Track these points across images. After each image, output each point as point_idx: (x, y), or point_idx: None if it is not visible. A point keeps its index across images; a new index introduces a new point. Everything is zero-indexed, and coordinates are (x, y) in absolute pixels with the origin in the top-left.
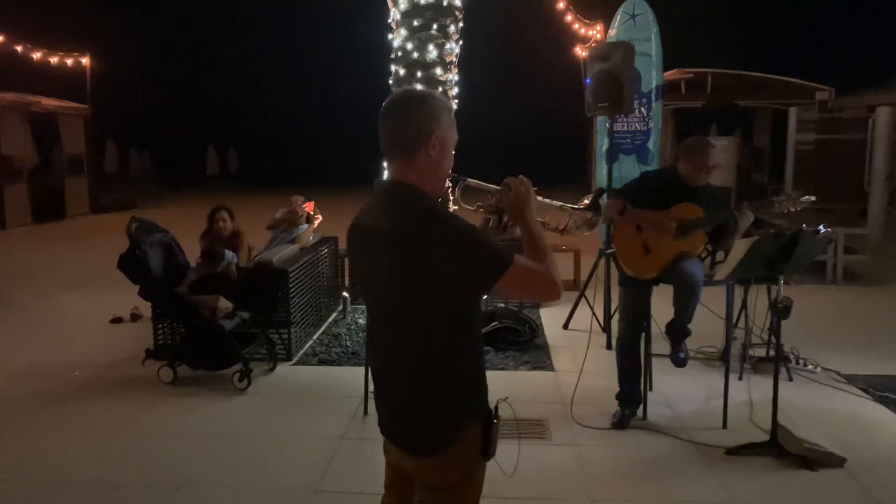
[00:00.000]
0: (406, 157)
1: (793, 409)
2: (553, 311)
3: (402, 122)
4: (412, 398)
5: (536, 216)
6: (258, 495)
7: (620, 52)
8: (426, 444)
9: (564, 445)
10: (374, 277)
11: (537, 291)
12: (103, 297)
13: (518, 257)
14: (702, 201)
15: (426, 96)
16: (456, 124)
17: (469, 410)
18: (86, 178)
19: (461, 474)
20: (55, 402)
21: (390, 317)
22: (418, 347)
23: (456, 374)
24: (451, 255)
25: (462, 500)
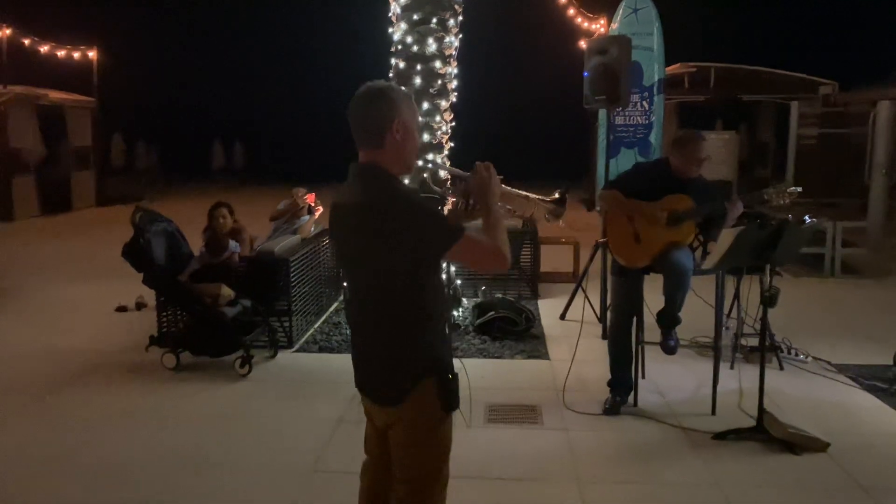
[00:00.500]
0: (374, 143)
1: (781, 397)
2: (551, 302)
3: (367, 113)
4: (377, 354)
5: (500, 201)
6: (259, 474)
7: (617, 45)
8: (389, 394)
9: (555, 430)
10: (347, 248)
11: (483, 261)
12: (109, 287)
13: (468, 231)
14: (692, 193)
15: (385, 88)
16: (417, 110)
17: (426, 366)
18: (92, 171)
19: (425, 426)
20: (62, 385)
21: (359, 283)
22: (381, 309)
23: (414, 334)
24: (409, 226)
25: (429, 453)
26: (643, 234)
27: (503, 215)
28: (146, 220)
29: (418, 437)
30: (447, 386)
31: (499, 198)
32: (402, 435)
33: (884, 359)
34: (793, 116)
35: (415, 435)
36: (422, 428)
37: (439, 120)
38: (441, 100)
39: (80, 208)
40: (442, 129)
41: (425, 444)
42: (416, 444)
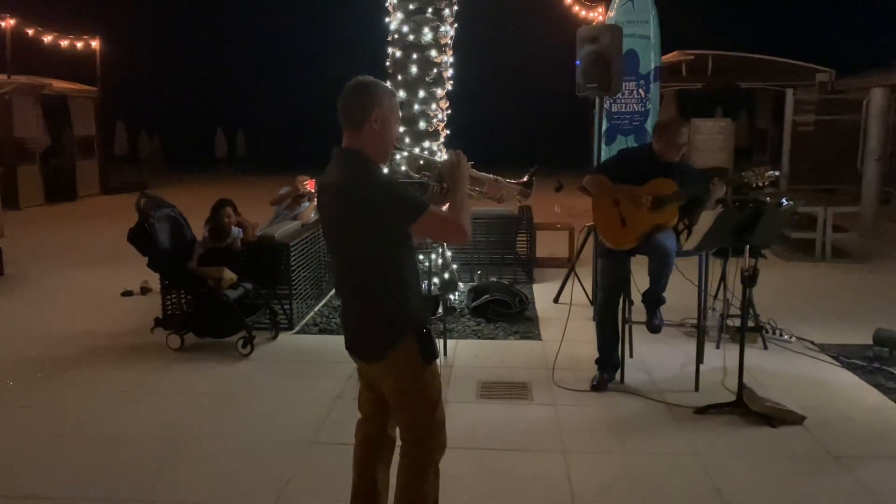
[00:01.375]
0: (355, 129)
1: (764, 375)
2: (545, 285)
3: (351, 101)
4: (359, 316)
5: (470, 184)
6: (260, 446)
7: (609, 34)
8: (373, 350)
9: (544, 405)
10: (329, 223)
11: (446, 233)
12: (114, 273)
13: (432, 207)
14: (676, 177)
15: (370, 83)
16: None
17: (403, 323)
18: (96, 159)
19: (410, 374)
20: (70, 365)
21: (341, 253)
22: (360, 277)
23: (390, 297)
24: (380, 201)
25: (418, 397)
26: (629, 218)
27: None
28: (151, 206)
29: (406, 384)
30: (424, 338)
31: (467, 180)
32: (391, 385)
33: (865, 339)
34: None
35: (402, 383)
36: (407, 376)
37: (435, 108)
38: (437, 88)
39: (84, 197)
40: (438, 117)
41: (413, 390)
42: (405, 390)
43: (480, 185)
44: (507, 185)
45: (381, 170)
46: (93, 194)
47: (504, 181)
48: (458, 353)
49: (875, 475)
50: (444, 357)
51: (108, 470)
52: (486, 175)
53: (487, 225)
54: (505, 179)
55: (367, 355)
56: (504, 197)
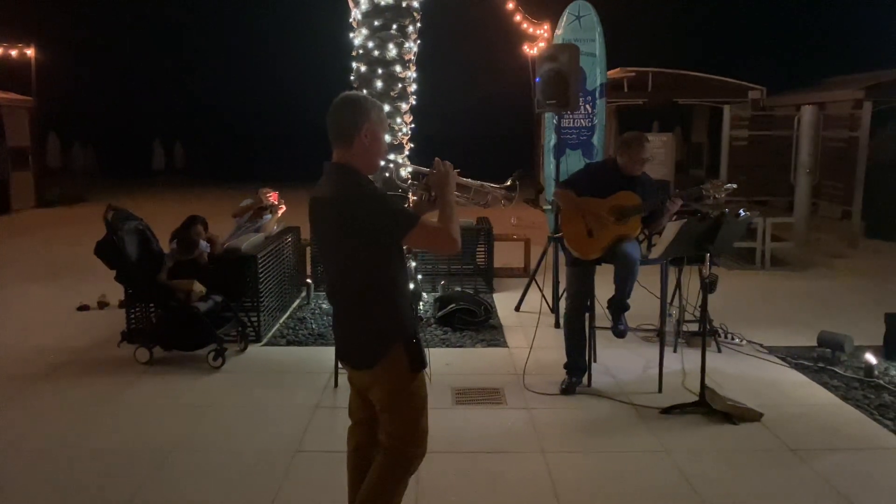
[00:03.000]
0: (345, 145)
1: (720, 376)
2: (506, 294)
3: (341, 117)
4: (351, 325)
5: (457, 192)
6: (243, 456)
7: (567, 53)
8: (364, 359)
9: (518, 409)
10: (322, 236)
11: (437, 245)
12: (64, 287)
13: (423, 218)
14: (638, 189)
15: (359, 97)
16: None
17: (393, 333)
18: (31, 171)
19: (398, 383)
20: (34, 382)
21: (334, 265)
22: (353, 288)
23: (380, 307)
24: (370, 215)
25: (405, 406)
26: (595, 229)
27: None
28: (119, 219)
29: (393, 393)
30: (412, 348)
31: (454, 188)
32: (379, 393)
33: (809, 340)
34: (725, 119)
35: (390, 391)
36: (395, 385)
37: (400, 122)
38: (401, 102)
39: (19, 210)
40: (402, 131)
41: (400, 399)
42: (393, 399)
43: (467, 192)
44: (491, 190)
45: (372, 183)
46: (29, 207)
47: (489, 186)
48: (431, 361)
49: (829, 466)
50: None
51: (91, 486)
52: (472, 181)
53: None
54: (489, 185)
55: (359, 363)
56: (489, 202)
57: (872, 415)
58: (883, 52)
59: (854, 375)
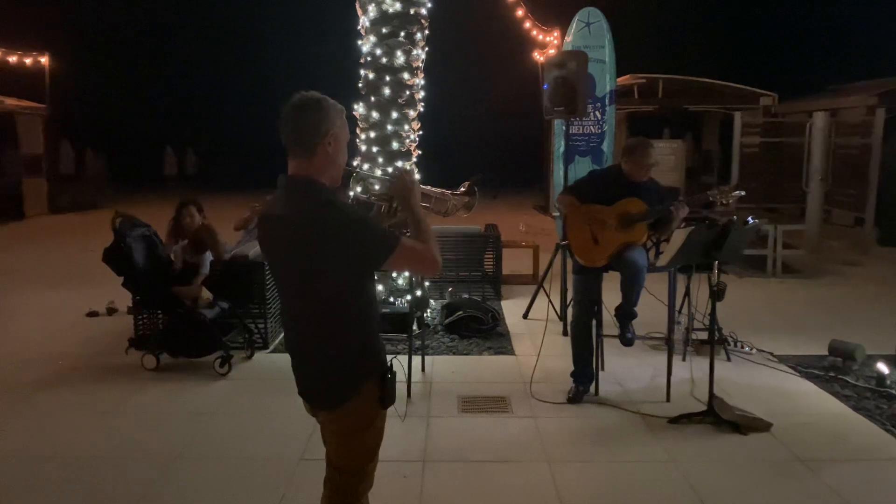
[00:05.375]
0: (306, 154)
1: (729, 385)
2: (514, 301)
3: (301, 124)
4: (316, 363)
5: (421, 202)
6: (248, 464)
7: (575, 60)
8: (330, 399)
9: (524, 418)
10: (282, 260)
11: (419, 267)
12: (74, 293)
13: (403, 238)
14: (644, 196)
15: (321, 100)
16: (348, 125)
17: (363, 370)
18: (44, 178)
19: (363, 422)
20: (42, 388)
21: (295, 294)
22: (317, 320)
23: (350, 342)
24: (347, 239)
25: (362, 445)
26: (600, 236)
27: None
28: (126, 226)
29: (354, 432)
30: (387, 385)
31: (419, 198)
32: (338, 429)
33: (820, 349)
34: (736, 125)
35: (351, 430)
36: (359, 424)
37: (407, 129)
38: (409, 109)
39: (32, 216)
40: (410, 138)
41: (360, 438)
42: (352, 437)
43: (428, 201)
44: (451, 198)
45: (342, 200)
46: (41, 213)
47: (449, 194)
48: (436, 369)
49: (840, 477)
50: (423, 373)
51: (95, 493)
52: (433, 189)
53: (456, 243)
54: (449, 192)
55: (325, 404)
56: (449, 210)
57: (884, 425)
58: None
59: (866, 385)
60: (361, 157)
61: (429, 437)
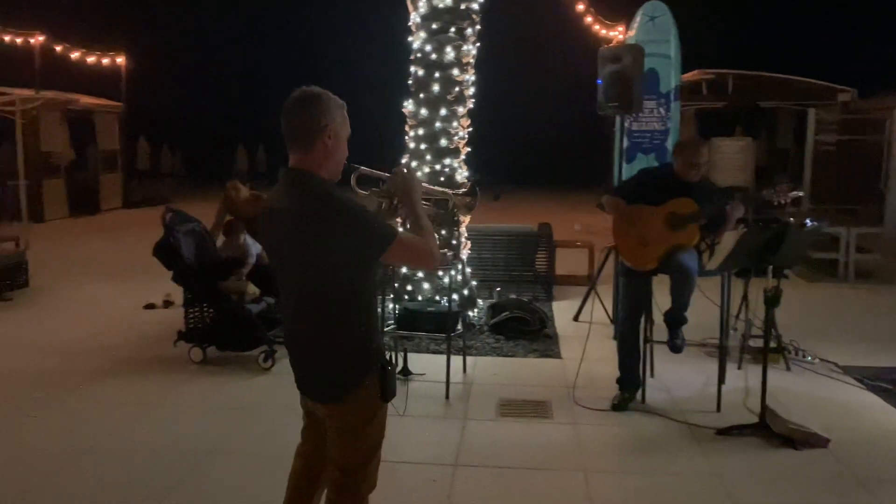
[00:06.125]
0: (306, 148)
1: (787, 396)
2: (566, 303)
3: (301, 116)
4: (315, 356)
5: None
6: (279, 461)
7: (630, 54)
8: (330, 392)
9: (564, 424)
10: (281, 252)
11: (417, 261)
12: (136, 286)
13: (401, 232)
14: (696, 196)
15: (321, 95)
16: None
17: (364, 363)
18: (119, 173)
19: (364, 416)
20: (91, 377)
21: (295, 286)
22: (317, 312)
23: (350, 334)
24: (346, 230)
25: (365, 441)
26: (649, 238)
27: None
28: (176, 221)
29: (356, 427)
30: (385, 377)
31: (420, 194)
32: (340, 425)
33: (891, 361)
34: (810, 123)
35: (353, 425)
36: (360, 419)
37: (456, 126)
38: (458, 106)
39: (107, 210)
40: (459, 135)
41: (362, 434)
42: (354, 433)
43: (429, 200)
44: (452, 197)
45: (342, 193)
46: (115, 208)
47: (450, 194)
48: (478, 371)
49: None
50: (464, 374)
51: (126, 484)
52: (435, 188)
53: (507, 241)
54: (450, 192)
55: (324, 397)
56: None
57: None
58: None
59: None
60: (410, 154)
61: (463, 441)
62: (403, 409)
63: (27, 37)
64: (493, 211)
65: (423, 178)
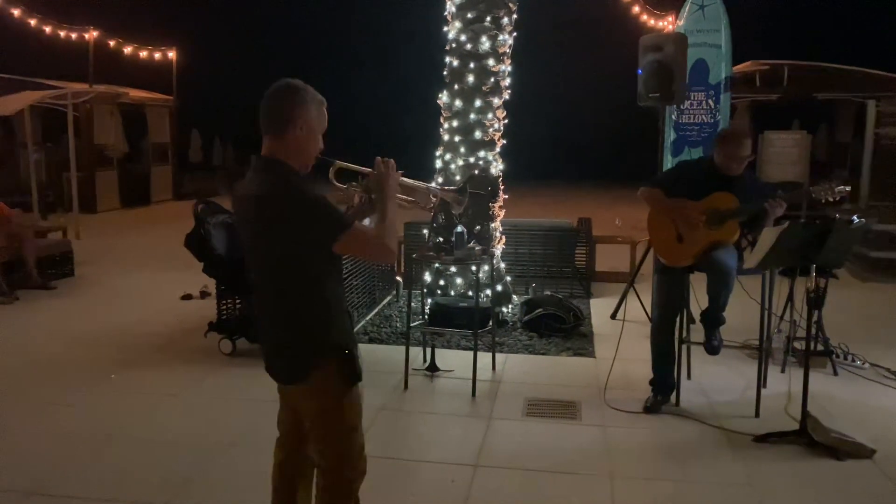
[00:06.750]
0: (277, 135)
1: (832, 403)
2: (604, 300)
3: (276, 103)
4: (276, 336)
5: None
6: None
7: (673, 42)
8: (289, 373)
9: (593, 426)
10: (247, 237)
11: (370, 253)
12: (177, 276)
13: (356, 224)
14: (738, 191)
15: (299, 86)
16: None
17: (322, 346)
18: (170, 166)
19: (329, 400)
20: (121, 365)
21: (259, 269)
22: (277, 294)
23: (309, 316)
24: (298, 217)
25: (336, 423)
26: (685, 234)
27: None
28: (207, 212)
29: (324, 409)
30: (344, 362)
31: (395, 192)
32: (309, 409)
33: None
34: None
35: (321, 408)
36: (327, 401)
37: (491, 117)
38: (493, 97)
39: (158, 202)
40: (494, 127)
41: (332, 416)
42: (323, 416)
43: (413, 194)
44: (439, 193)
45: (304, 181)
46: (166, 200)
47: (436, 189)
48: (508, 368)
49: None
50: (493, 372)
51: (143, 474)
52: (418, 183)
53: (544, 236)
54: (437, 187)
55: (284, 378)
56: (434, 206)
57: None
58: None
59: None
60: (443, 146)
61: (486, 441)
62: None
63: (82, 32)
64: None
65: (457, 170)
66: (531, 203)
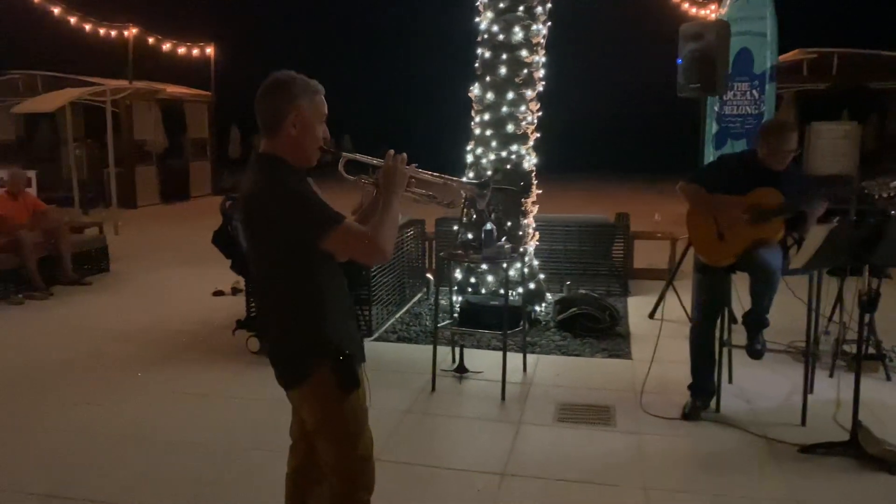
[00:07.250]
0: (271, 134)
1: (884, 411)
2: (642, 299)
3: (264, 103)
4: (273, 338)
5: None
6: None
7: (714, 31)
8: (286, 377)
9: (627, 433)
10: (245, 234)
11: (360, 253)
12: (211, 272)
13: (347, 222)
14: (783, 187)
15: (288, 80)
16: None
17: (316, 350)
18: (209, 161)
19: (327, 406)
20: (148, 363)
21: (256, 269)
22: (273, 294)
23: (303, 319)
24: (285, 215)
25: (337, 429)
26: (727, 231)
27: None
28: (235, 209)
29: (324, 414)
30: (340, 367)
31: (402, 187)
32: (309, 413)
33: None
34: None
35: (320, 413)
36: (324, 409)
37: (524, 110)
38: (527, 89)
39: (196, 197)
40: (527, 120)
41: (332, 422)
42: (324, 421)
43: (428, 188)
44: (459, 186)
45: (296, 178)
46: (205, 195)
47: (454, 182)
48: (539, 370)
49: None
50: (523, 374)
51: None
52: (433, 176)
53: (580, 232)
54: (455, 179)
55: (283, 382)
56: (455, 202)
57: None
58: None
59: None
60: (474, 140)
61: (514, 447)
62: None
63: (121, 29)
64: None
65: (488, 165)
66: (566, 198)
